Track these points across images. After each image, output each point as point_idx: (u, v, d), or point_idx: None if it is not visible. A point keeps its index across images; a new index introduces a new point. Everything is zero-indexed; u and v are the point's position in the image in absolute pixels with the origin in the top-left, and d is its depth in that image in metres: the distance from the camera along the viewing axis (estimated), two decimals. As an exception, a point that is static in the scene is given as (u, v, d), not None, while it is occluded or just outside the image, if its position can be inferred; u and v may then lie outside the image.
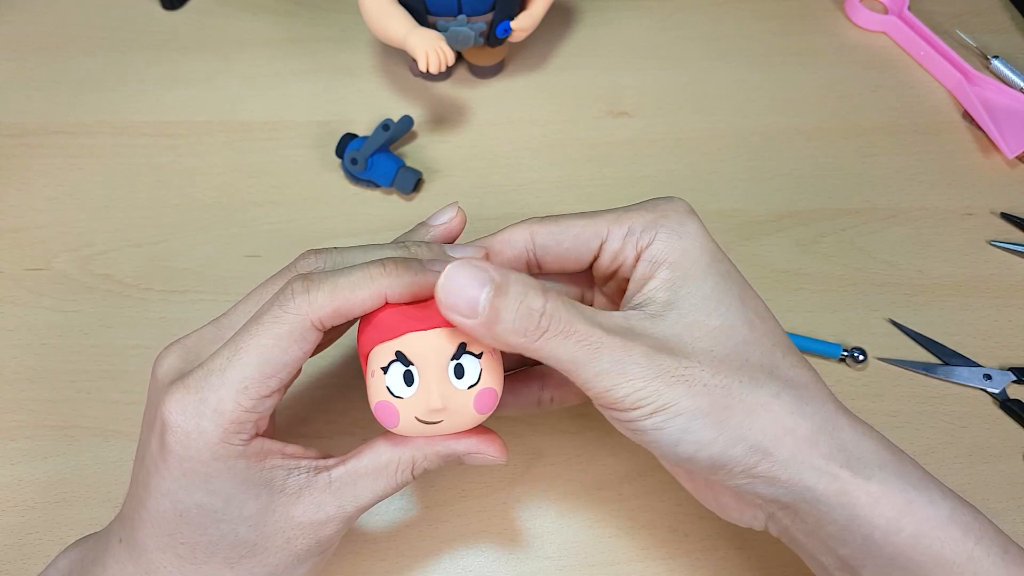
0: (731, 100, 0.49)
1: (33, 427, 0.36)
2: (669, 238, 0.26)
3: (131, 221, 0.42)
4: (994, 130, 0.46)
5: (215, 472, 0.24)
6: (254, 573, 0.25)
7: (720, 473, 0.24)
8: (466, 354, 0.25)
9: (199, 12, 0.52)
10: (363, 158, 0.42)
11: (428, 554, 0.33)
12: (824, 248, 0.43)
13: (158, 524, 0.24)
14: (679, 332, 0.25)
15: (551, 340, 0.23)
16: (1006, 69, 0.49)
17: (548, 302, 0.23)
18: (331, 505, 0.25)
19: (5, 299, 0.39)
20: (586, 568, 0.33)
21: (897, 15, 0.52)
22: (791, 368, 0.26)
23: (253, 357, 0.23)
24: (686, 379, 0.24)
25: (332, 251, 0.27)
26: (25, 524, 0.33)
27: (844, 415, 0.25)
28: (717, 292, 0.26)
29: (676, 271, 0.26)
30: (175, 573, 0.25)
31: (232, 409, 0.23)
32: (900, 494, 0.24)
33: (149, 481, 0.24)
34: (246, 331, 0.24)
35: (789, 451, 0.24)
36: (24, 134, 0.46)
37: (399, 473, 0.26)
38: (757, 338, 0.25)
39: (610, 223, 0.27)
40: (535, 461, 0.35)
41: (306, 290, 0.24)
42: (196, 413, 0.23)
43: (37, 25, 0.50)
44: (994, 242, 0.43)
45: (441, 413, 0.25)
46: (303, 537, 0.25)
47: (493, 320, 0.23)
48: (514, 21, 0.43)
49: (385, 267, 0.25)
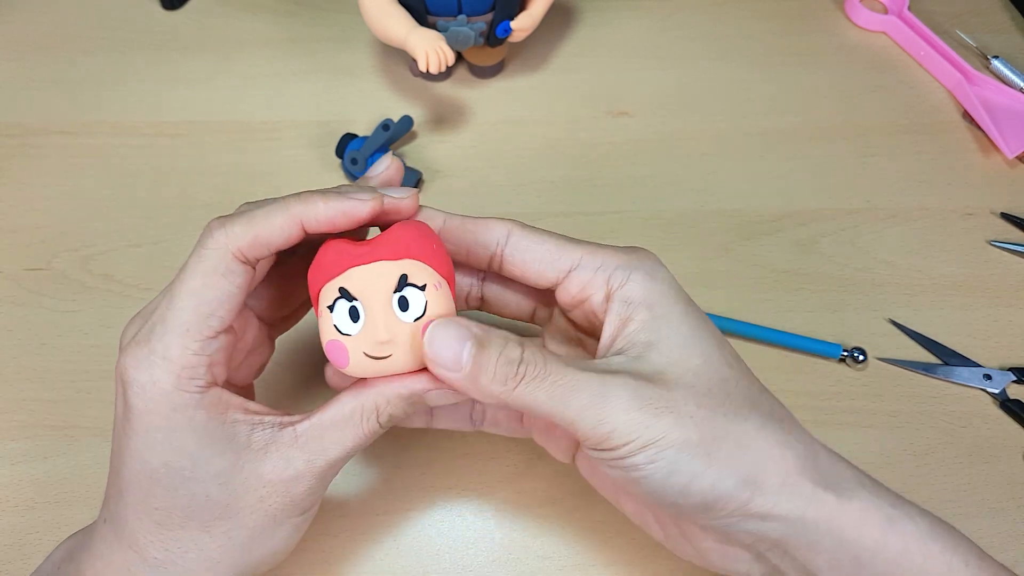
0: (731, 100, 0.49)
1: (33, 427, 0.36)
2: (644, 281, 0.26)
3: (131, 221, 0.42)
4: (994, 130, 0.46)
5: (176, 425, 0.24)
6: (231, 536, 0.25)
7: (712, 511, 0.24)
8: (408, 286, 0.25)
9: (199, 12, 0.52)
10: (363, 158, 0.42)
11: (428, 554, 0.33)
12: (824, 248, 0.43)
13: (133, 492, 0.25)
14: (662, 368, 0.25)
15: (529, 385, 0.24)
16: (1006, 69, 0.49)
17: (525, 351, 0.24)
18: (299, 460, 0.25)
19: (5, 299, 0.39)
20: (586, 568, 0.33)
21: (897, 15, 0.52)
22: (770, 403, 0.26)
23: (187, 300, 0.24)
24: (672, 410, 0.24)
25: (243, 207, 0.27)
26: (25, 524, 0.33)
27: (819, 444, 0.26)
28: (695, 333, 0.26)
29: (656, 311, 0.26)
30: (155, 542, 0.25)
31: (180, 354, 0.24)
32: (881, 512, 0.24)
33: (121, 449, 0.25)
34: (177, 279, 0.25)
35: (779, 480, 0.24)
36: (24, 134, 0.46)
37: (364, 421, 0.26)
38: (736, 376, 0.26)
39: (584, 253, 0.27)
40: (535, 461, 0.35)
41: (222, 224, 0.24)
42: (148, 364, 0.24)
43: (37, 25, 0.51)
44: (994, 242, 0.43)
45: (388, 346, 0.25)
46: (275, 495, 0.25)
47: (476, 373, 0.24)
48: (514, 21, 0.43)
49: (300, 195, 0.25)
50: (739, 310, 0.40)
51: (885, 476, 0.35)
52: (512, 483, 0.35)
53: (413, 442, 0.36)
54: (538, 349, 0.25)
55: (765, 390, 0.27)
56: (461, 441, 0.36)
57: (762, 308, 0.40)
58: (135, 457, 0.24)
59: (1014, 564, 0.33)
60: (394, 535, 0.34)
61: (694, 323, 0.26)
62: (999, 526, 0.34)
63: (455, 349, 0.24)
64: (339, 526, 0.34)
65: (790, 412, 0.27)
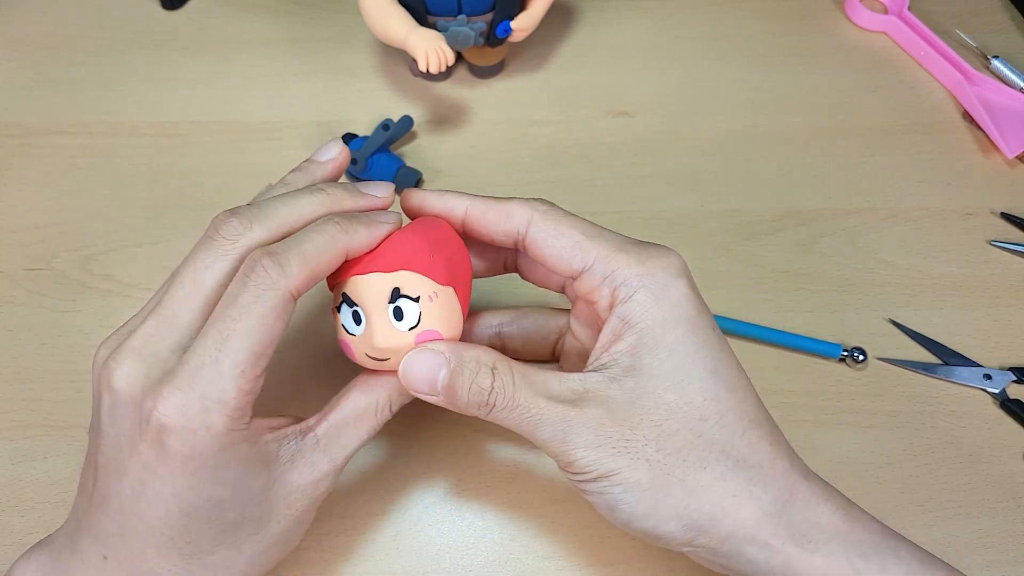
0: (731, 100, 0.49)
1: (33, 427, 0.36)
2: (647, 301, 0.26)
3: (131, 221, 0.42)
4: (994, 130, 0.46)
5: (223, 463, 0.24)
6: (259, 548, 0.26)
7: (658, 543, 0.26)
8: (402, 297, 0.25)
9: (199, 12, 0.52)
10: (363, 158, 0.42)
11: (428, 554, 0.33)
12: (824, 248, 0.43)
13: (160, 530, 0.24)
14: (632, 400, 0.25)
15: (498, 414, 0.26)
16: (1006, 69, 0.49)
17: (496, 380, 0.25)
18: (323, 462, 0.26)
19: (5, 299, 0.39)
20: (586, 569, 0.33)
21: (897, 15, 0.52)
22: (748, 446, 0.25)
23: (243, 342, 0.23)
24: (628, 451, 0.25)
25: (252, 209, 0.26)
26: (25, 524, 0.33)
27: (802, 484, 0.25)
28: (685, 364, 0.25)
29: (644, 338, 0.25)
30: (179, 571, 0.25)
31: (234, 396, 0.23)
32: (847, 564, 0.24)
33: (143, 490, 0.24)
34: (227, 316, 0.23)
35: (728, 530, 0.24)
36: (24, 134, 0.46)
37: (378, 414, 0.27)
38: (718, 414, 0.25)
39: (598, 258, 0.26)
40: (535, 461, 0.35)
41: (278, 264, 0.24)
42: (201, 409, 0.23)
43: (37, 25, 0.51)
44: (994, 242, 0.43)
45: (387, 352, 0.26)
46: (301, 499, 0.26)
47: (451, 396, 0.26)
48: (514, 21, 0.43)
49: (342, 227, 0.25)
50: (739, 310, 0.40)
51: (885, 476, 0.35)
52: (512, 483, 0.35)
53: (413, 442, 0.36)
54: (511, 375, 0.26)
55: (755, 426, 0.26)
56: (462, 441, 0.36)
57: (762, 308, 0.40)
58: (170, 500, 0.23)
59: (1014, 564, 0.33)
60: (394, 535, 0.34)
61: (687, 351, 0.25)
62: (999, 526, 0.34)
63: (429, 377, 0.25)
64: (339, 526, 0.34)
65: (777, 452, 0.26)
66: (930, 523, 0.34)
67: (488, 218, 0.28)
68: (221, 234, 0.25)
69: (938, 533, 0.34)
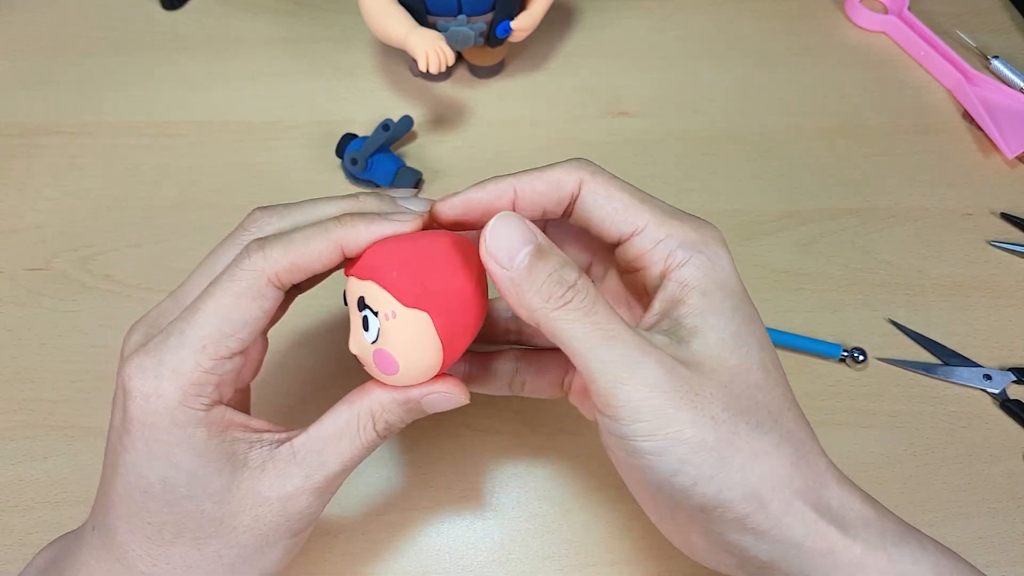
0: (731, 100, 0.49)
1: (33, 427, 0.36)
2: (704, 266, 0.25)
3: (131, 221, 0.42)
4: (994, 130, 0.46)
5: (176, 441, 0.23)
6: (222, 555, 0.25)
7: (711, 516, 0.23)
8: (366, 308, 0.24)
9: (199, 12, 0.52)
10: (363, 158, 0.42)
11: (427, 554, 0.33)
12: (824, 248, 0.43)
13: (125, 504, 0.24)
14: (701, 360, 0.24)
15: (570, 313, 0.23)
16: (1006, 69, 0.49)
17: (581, 279, 0.23)
18: (297, 475, 0.25)
19: (5, 299, 0.39)
20: (586, 568, 0.33)
21: (897, 15, 0.52)
22: (792, 421, 0.25)
23: (211, 316, 0.23)
24: (695, 406, 0.23)
25: (281, 208, 0.26)
26: (25, 524, 0.33)
27: (832, 472, 0.25)
28: (741, 331, 0.25)
29: (708, 301, 0.25)
30: (144, 556, 0.24)
31: (191, 369, 0.23)
32: (882, 552, 0.24)
33: (116, 459, 0.24)
34: (205, 293, 0.24)
35: (784, 503, 0.23)
36: (24, 134, 0.46)
37: (361, 431, 0.25)
38: (769, 385, 0.25)
39: (651, 221, 0.26)
40: (535, 461, 0.35)
41: (261, 247, 0.24)
42: (155, 375, 0.23)
43: (37, 25, 0.51)
44: (994, 242, 0.43)
45: (360, 359, 0.25)
46: (271, 514, 0.25)
47: (524, 277, 0.23)
48: (514, 21, 0.43)
49: (340, 220, 0.25)
50: (739, 310, 0.40)
51: (885, 476, 0.35)
52: (512, 483, 0.35)
53: (413, 442, 0.36)
54: (593, 286, 0.24)
55: (794, 404, 0.26)
56: (462, 441, 0.36)
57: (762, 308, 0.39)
58: (131, 470, 0.24)
59: (1014, 564, 0.33)
60: (394, 535, 0.34)
61: (742, 320, 0.25)
62: (999, 526, 0.34)
63: (514, 246, 0.23)
64: (339, 526, 0.34)
65: (812, 434, 0.26)
66: (930, 523, 0.34)
67: (538, 190, 0.26)
68: (243, 225, 0.26)
69: (938, 533, 0.33)
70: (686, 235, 0.26)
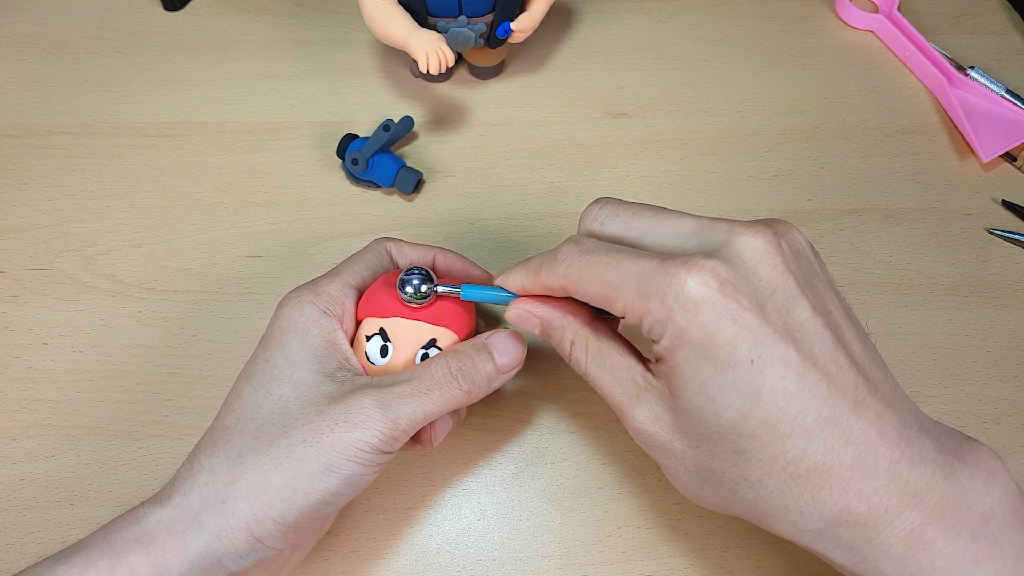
0: (730, 100, 0.49)
1: (34, 427, 0.36)
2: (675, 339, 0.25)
3: (132, 221, 0.42)
4: (971, 133, 0.46)
5: (294, 327, 0.29)
6: (290, 464, 0.25)
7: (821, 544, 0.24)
8: (434, 347, 0.30)
9: (200, 13, 0.52)
10: (364, 159, 0.42)
11: (427, 553, 0.33)
12: (824, 248, 0.43)
13: (241, 401, 0.28)
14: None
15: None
16: (983, 79, 0.48)
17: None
18: (370, 398, 0.26)
19: (6, 299, 0.40)
20: (586, 568, 0.33)
21: (886, 15, 0.52)
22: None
23: (352, 266, 0.32)
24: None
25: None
26: (25, 524, 0.33)
27: None
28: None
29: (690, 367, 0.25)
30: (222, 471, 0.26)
31: (327, 289, 0.30)
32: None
33: (239, 380, 0.29)
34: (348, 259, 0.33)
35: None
36: (25, 134, 0.46)
37: (457, 381, 0.28)
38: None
39: (626, 308, 0.25)
40: (535, 461, 0.36)
41: (388, 251, 0.34)
42: (311, 298, 0.29)
43: (39, 26, 0.51)
44: (992, 230, 0.43)
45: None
46: (333, 427, 0.26)
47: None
48: (514, 22, 0.43)
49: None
50: (739, 310, 0.40)
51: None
52: (512, 483, 0.35)
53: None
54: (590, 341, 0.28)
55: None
56: (461, 440, 0.36)
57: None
58: (258, 365, 0.28)
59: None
60: (394, 534, 0.34)
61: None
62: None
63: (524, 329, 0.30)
64: (339, 526, 0.34)
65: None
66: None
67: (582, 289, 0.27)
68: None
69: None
70: (658, 312, 0.24)
